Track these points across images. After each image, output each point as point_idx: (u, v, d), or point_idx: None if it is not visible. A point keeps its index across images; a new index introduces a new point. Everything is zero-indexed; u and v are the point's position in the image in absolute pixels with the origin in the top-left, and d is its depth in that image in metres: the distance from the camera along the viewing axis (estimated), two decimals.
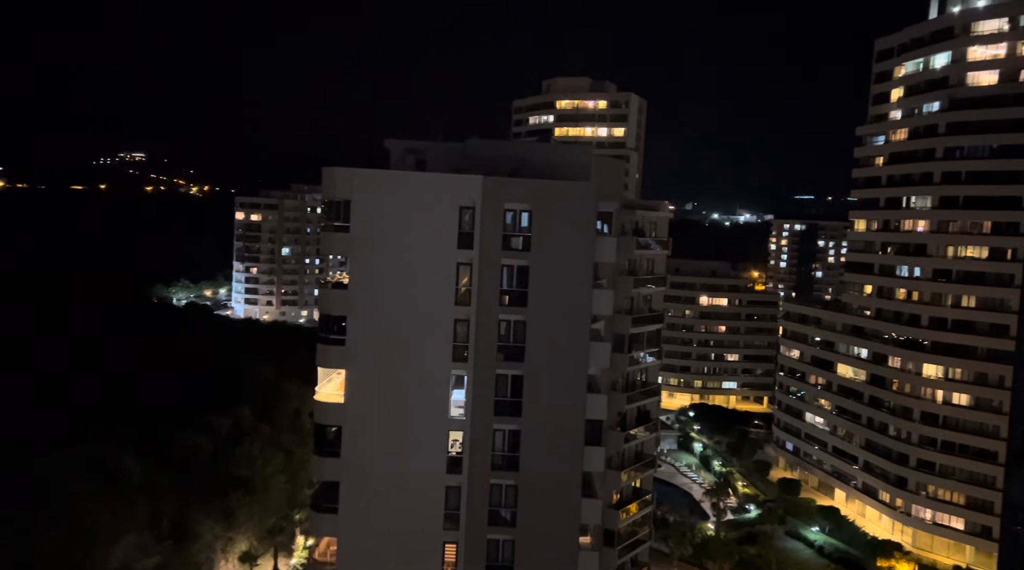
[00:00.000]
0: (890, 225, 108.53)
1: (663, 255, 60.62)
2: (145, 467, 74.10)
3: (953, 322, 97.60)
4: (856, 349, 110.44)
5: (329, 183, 45.02)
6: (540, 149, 69.64)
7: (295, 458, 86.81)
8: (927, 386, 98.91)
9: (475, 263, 44.45)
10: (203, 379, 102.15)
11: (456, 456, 45.12)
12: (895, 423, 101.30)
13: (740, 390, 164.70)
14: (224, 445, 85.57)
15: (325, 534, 47.61)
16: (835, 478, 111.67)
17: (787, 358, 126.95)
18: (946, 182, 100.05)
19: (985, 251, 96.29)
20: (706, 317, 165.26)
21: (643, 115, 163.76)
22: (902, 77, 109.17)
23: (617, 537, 54.70)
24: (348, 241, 44.70)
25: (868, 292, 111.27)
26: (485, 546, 45.43)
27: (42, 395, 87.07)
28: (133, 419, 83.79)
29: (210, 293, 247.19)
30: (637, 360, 57.19)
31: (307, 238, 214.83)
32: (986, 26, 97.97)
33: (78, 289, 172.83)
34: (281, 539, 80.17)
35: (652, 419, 61.22)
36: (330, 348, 45.22)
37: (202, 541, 71.88)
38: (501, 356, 44.93)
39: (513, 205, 44.58)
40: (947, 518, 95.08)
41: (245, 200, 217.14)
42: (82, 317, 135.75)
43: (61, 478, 65.76)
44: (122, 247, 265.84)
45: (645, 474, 60.32)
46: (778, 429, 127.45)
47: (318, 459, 46.11)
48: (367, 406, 44.66)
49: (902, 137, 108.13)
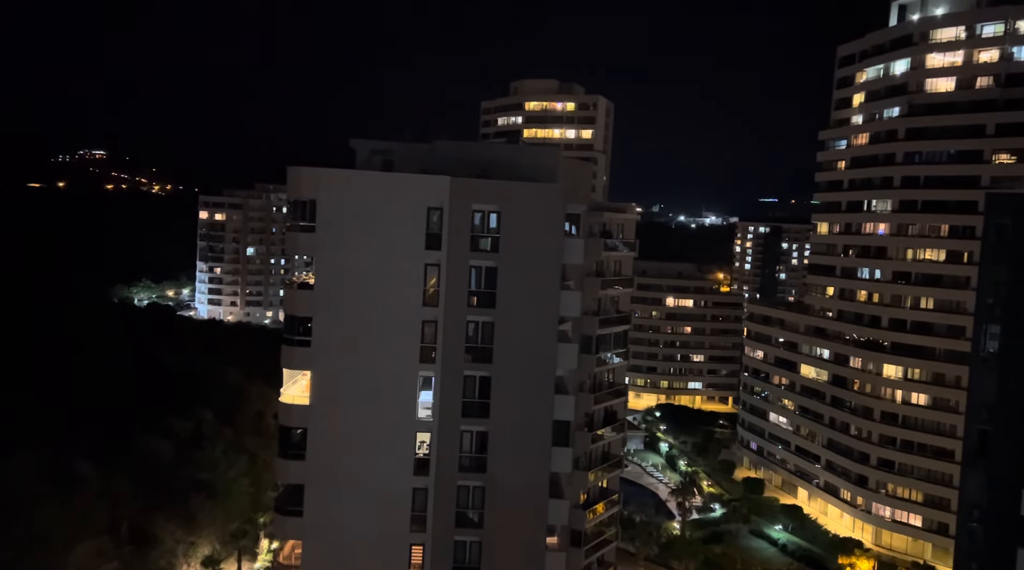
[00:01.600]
0: (852, 228, 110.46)
1: (630, 257, 60.92)
2: (103, 471, 72.62)
3: (912, 323, 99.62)
4: (818, 350, 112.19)
5: (295, 183, 44.53)
6: (508, 150, 69.56)
7: (259, 461, 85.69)
8: (887, 386, 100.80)
9: (443, 264, 44.29)
10: (164, 381, 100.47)
11: (423, 458, 44.91)
12: (856, 423, 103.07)
13: (706, 390, 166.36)
14: (186, 448, 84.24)
15: (290, 537, 47.07)
16: (798, 477, 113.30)
17: (751, 359, 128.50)
18: (906, 186, 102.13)
19: (943, 254, 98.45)
20: (672, 318, 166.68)
21: (611, 118, 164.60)
22: (863, 83, 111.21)
23: (584, 537, 54.78)
24: (314, 241, 44.25)
25: (830, 294, 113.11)
26: (452, 548, 45.30)
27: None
28: (91, 422, 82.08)
29: (173, 294, 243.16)
30: (604, 361, 57.40)
31: (272, 238, 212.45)
32: (944, 34, 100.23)
33: (35, 289, 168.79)
34: (245, 543, 79.09)
35: (619, 419, 61.46)
36: (295, 349, 44.75)
37: (163, 546, 70.63)
38: (469, 357, 44.83)
39: (481, 206, 44.51)
40: (906, 515, 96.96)
41: (209, 199, 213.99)
42: (38, 318, 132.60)
43: (12, 483, 64.08)
44: (82, 246, 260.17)
45: (612, 474, 60.50)
46: (743, 429, 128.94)
47: (283, 462, 45.58)
48: (333, 408, 44.24)
49: (863, 141, 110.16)
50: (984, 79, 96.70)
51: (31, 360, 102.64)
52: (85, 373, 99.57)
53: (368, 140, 51.13)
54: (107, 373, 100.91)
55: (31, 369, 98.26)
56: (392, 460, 44.56)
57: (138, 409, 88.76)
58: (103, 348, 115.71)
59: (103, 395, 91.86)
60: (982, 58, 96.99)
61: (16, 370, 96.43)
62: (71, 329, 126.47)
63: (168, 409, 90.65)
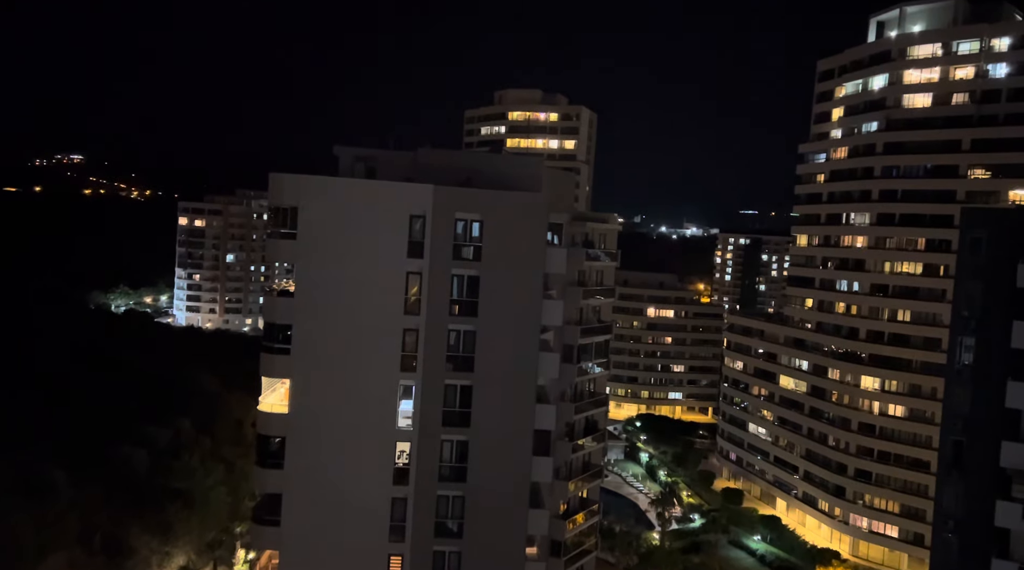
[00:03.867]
0: (830, 240, 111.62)
1: (612, 267, 61.10)
2: (76, 480, 71.45)
3: (889, 335, 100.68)
4: (797, 361, 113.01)
5: (276, 189, 44.25)
6: (492, 159, 69.49)
7: (236, 470, 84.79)
8: (865, 398, 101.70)
9: (425, 272, 44.15)
10: (141, 389, 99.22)
11: (403, 467, 44.60)
12: (834, 434, 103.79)
13: (686, 401, 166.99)
14: (162, 457, 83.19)
15: (267, 547, 46.70)
16: (777, 488, 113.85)
17: (731, 369, 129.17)
18: (883, 200, 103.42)
19: (919, 267, 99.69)
20: (653, 328, 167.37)
21: (594, 128, 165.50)
22: (842, 97, 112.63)
23: (564, 547, 54.62)
24: (295, 249, 43.98)
25: (809, 305, 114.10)
26: (431, 558, 44.96)
27: None
28: (64, 430, 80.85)
29: (151, 300, 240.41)
30: (586, 371, 57.41)
31: (252, 245, 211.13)
32: (921, 51, 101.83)
33: (9, 294, 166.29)
34: (221, 553, 78.14)
35: (600, 429, 61.45)
36: (275, 357, 44.33)
37: (137, 556, 69.49)
38: (450, 366, 44.65)
39: (464, 215, 44.46)
40: (883, 526, 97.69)
41: (188, 205, 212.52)
42: (13, 323, 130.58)
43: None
44: (58, 252, 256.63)
45: (592, 484, 60.41)
46: (722, 439, 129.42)
47: (261, 471, 45.14)
48: (312, 417, 43.87)
49: (842, 155, 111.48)
50: (960, 95, 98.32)
51: (4, 365, 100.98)
52: (60, 379, 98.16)
53: (351, 147, 50.93)
54: (82, 380, 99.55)
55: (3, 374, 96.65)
56: (371, 469, 44.22)
57: (113, 417, 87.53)
58: (78, 354, 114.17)
59: (78, 402, 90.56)
60: (958, 75, 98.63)
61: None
62: (45, 335, 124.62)
63: (145, 417, 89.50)
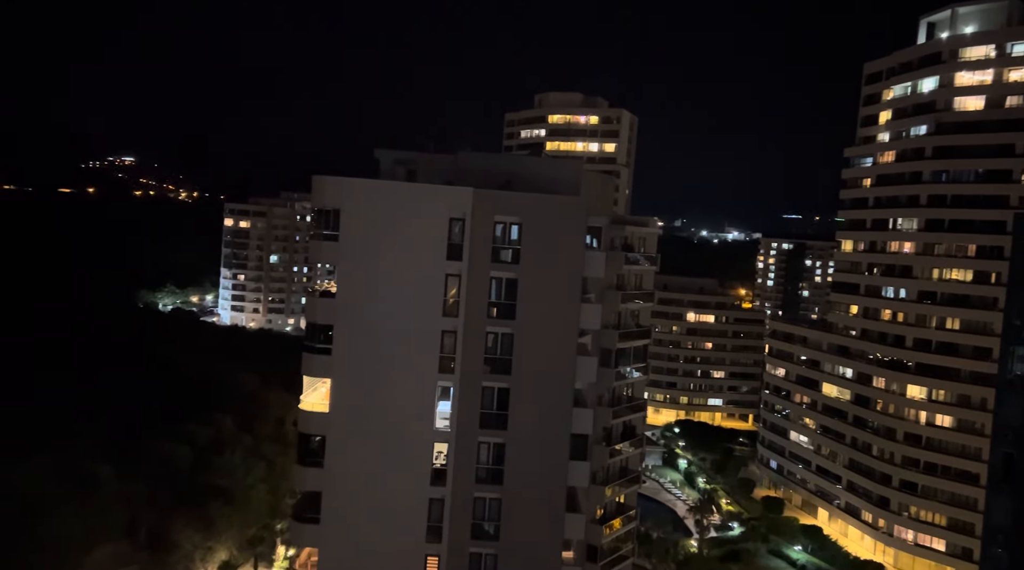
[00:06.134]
0: (876, 246, 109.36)
1: (651, 271, 60.78)
2: (122, 475, 73.24)
3: (937, 344, 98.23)
4: (841, 369, 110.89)
5: (319, 192, 44.91)
6: (531, 163, 69.78)
7: (277, 467, 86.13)
8: (911, 407, 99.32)
9: (463, 275, 44.36)
10: (185, 386, 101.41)
11: (440, 468, 44.84)
12: (878, 443, 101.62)
13: (725, 407, 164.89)
14: (205, 454, 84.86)
15: (306, 545, 47.21)
16: (818, 497, 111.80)
17: (772, 376, 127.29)
18: (932, 205, 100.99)
19: (970, 274, 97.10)
20: (693, 334, 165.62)
21: (634, 131, 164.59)
22: (890, 100, 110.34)
23: (600, 552, 54.47)
24: (336, 250, 44.53)
25: (854, 312, 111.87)
26: (468, 560, 45.09)
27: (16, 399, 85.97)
28: (111, 426, 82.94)
29: (197, 299, 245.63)
30: (624, 375, 57.19)
31: (295, 246, 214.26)
32: (973, 52, 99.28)
33: (63, 292, 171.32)
34: (261, 549, 79.34)
35: (637, 434, 61.16)
36: (316, 357, 44.93)
37: (180, 551, 71.00)
38: (488, 368, 44.78)
39: (503, 218, 44.58)
40: (929, 539, 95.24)
41: (234, 206, 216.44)
42: (64, 320, 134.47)
43: (33, 485, 64.75)
44: (109, 251, 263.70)
45: (629, 490, 60.16)
46: (763, 447, 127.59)
47: (301, 469, 45.72)
48: (352, 416, 44.36)
49: (889, 159, 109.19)
50: (1014, 98, 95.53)
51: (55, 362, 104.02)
52: (108, 376, 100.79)
53: (392, 150, 51.55)
54: (129, 376, 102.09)
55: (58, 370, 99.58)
56: (409, 470, 44.54)
57: (158, 414, 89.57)
58: (126, 352, 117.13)
59: (124, 398, 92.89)
60: (1012, 77, 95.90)
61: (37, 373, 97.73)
62: (95, 332, 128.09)
63: (188, 414, 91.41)
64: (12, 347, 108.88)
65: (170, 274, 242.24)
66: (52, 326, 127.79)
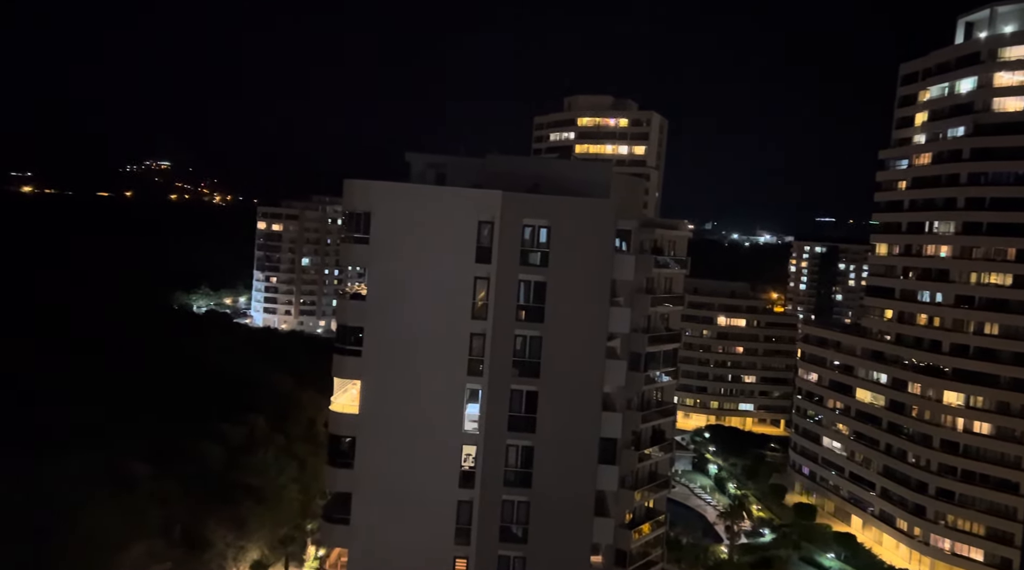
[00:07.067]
0: (912, 250, 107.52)
1: (681, 274, 60.41)
2: (157, 473, 74.40)
3: (975, 349, 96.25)
4: (875, 374, 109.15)
5: (350, 195, 45.37)
6: (560, 165, 69.79)
7: (308, 468, 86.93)
8: (948, 414, 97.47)
9: (492, 277, 44.49)
10: (218, 386, 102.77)
11: (469, 470, 44.99)
12: (914, 450, 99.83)
13: (757, 412, 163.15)
14: (237, 453, 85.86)
15: (336, 545, 47.64)
16: (852, 504, 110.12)
17: (805, 381, 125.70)
18: (970, 208, 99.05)
19: (1009, 278, 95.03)
20: (724, 338, 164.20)
21: (664, 134, 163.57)
22: (927, 101, 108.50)
23: (629, 557, 54.21)
24: (367, 253, 44.92)
25: (889, 317, 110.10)
26: (496, 562, 45.18)
27: (53, 398, 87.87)
28: (146, 425, 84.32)
29: (230, 301, 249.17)
30: (653, 379, 56.91)
31: (326, 249, 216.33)
32: (1012, 52, 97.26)
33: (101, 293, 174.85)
34: (292, 549, 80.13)
35: (667, 439, 60.77)
36: (346, 359, 45.36)
37: (214, 549, 71.93)
38: (516, 371, 44.85)
39: (532, 221, 44.64)
40: (966, 549, 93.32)
41: (267, 210, 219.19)
42: (101, 321, 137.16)
43: (69, 483, 66.02)
44: (145, 253, 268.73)
45: (659, 494, 59.82)
46: (795, 453, 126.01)
47: (331, 470, 46.14)
48: (381, 418, 44.70)
49: (925, 161, 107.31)
50: None
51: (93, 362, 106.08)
52: (143, 375, 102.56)
53: (423, 154, 51.86)
54: (164, 376, 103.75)
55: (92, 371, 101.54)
56: (438, 472, 44.76)
57: (191, 413, 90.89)
58: (162, 352, 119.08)
59: (159, 397, 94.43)
60: None
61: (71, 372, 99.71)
62: (132, 333, 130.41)
63: (221, 414, 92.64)
64: (50, 346, 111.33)
65: (204, 276, 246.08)
66: (89, 325, 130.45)
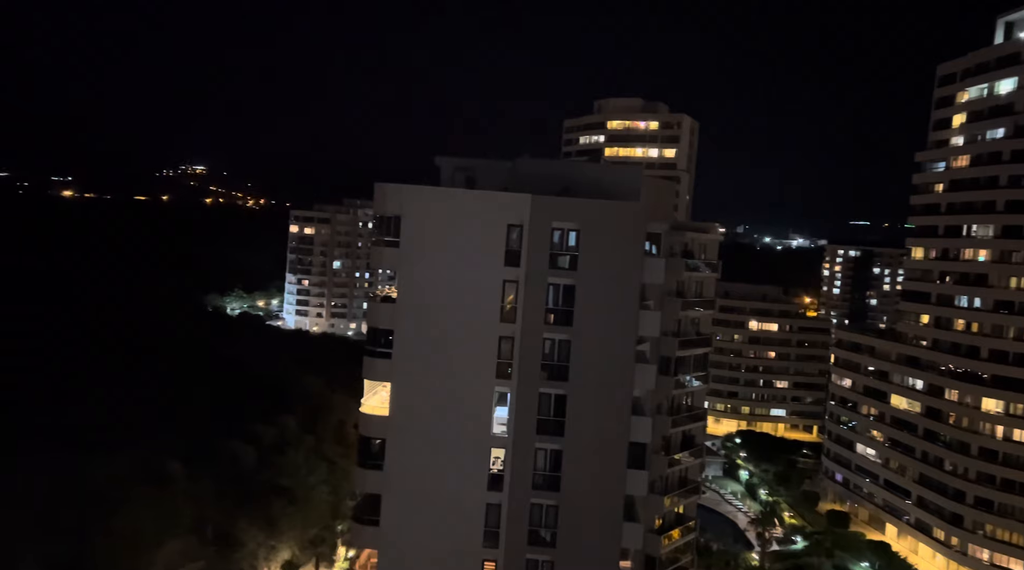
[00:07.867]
0: (949, 254, 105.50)
1: (712, 278, 59.83)
2: (190, 473, 75.54)
3: (1015, 355, 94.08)
4: (911, 380, 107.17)
5: (380, 199, 45.69)
6: (590, 169, 69.65)
7: (338, 469, 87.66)
8: (986, 421, 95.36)
9: (521, 281, 44.51)
10: (251, 388, 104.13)
11: (497, 473, 45.02)
12: (951, 458, 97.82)
13: (789, 418, 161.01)
14: (269, 454, 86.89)
15: (366, 546, 47.85)
16: (886, 512, 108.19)
17: (838, 387, 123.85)
18: (1010, 211, 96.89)
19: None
20: (755, 342, 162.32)
21: (695, 136, 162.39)
22: (965, 103, 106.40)
23: (658, 563, 53.76)
24: (397, 256, 45.20)
25: (925, 322, 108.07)
26: (524, 566, 45.12)
27: (94, 398, 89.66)
28: (181, 425, 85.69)
29: (263, 304, 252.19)
30: (683, 383, 56.43)
31: (358, 252, 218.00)
32: None
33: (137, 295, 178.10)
34: (322, 549, 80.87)
35: (697, 444, 60.19)
36: (377, 361, 45.66)
37: (245, 548, 72.86)
38: (545, 375, 44.78)
39: (561, 224, 44.58)
40: (1007, 560, 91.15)
41: (299, 213, 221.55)
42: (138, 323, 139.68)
43: (108, 481, 67.28)
44: (181, 256, 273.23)
45: (689, 500, 59.26)
46: (827, 459, 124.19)
47: (361, 471, 46.47)
48: (411, 420, 44.92)
49: (963, 164, 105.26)
50: None
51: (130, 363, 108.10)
52: (178, 376, 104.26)
53: (452, 157, 52.04)
54: (198, 377, 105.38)
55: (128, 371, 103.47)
56: (467, 474, 44.85)
57: (225, 414, 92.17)
58: (196, 353, 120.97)
59: (193, 398, 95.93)
60: None
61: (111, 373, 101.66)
62: (167, 334, 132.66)
63: (253, 415, 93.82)
64: (90, 346, 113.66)
65: (238, 278, 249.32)
66: (129, 328, 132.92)
